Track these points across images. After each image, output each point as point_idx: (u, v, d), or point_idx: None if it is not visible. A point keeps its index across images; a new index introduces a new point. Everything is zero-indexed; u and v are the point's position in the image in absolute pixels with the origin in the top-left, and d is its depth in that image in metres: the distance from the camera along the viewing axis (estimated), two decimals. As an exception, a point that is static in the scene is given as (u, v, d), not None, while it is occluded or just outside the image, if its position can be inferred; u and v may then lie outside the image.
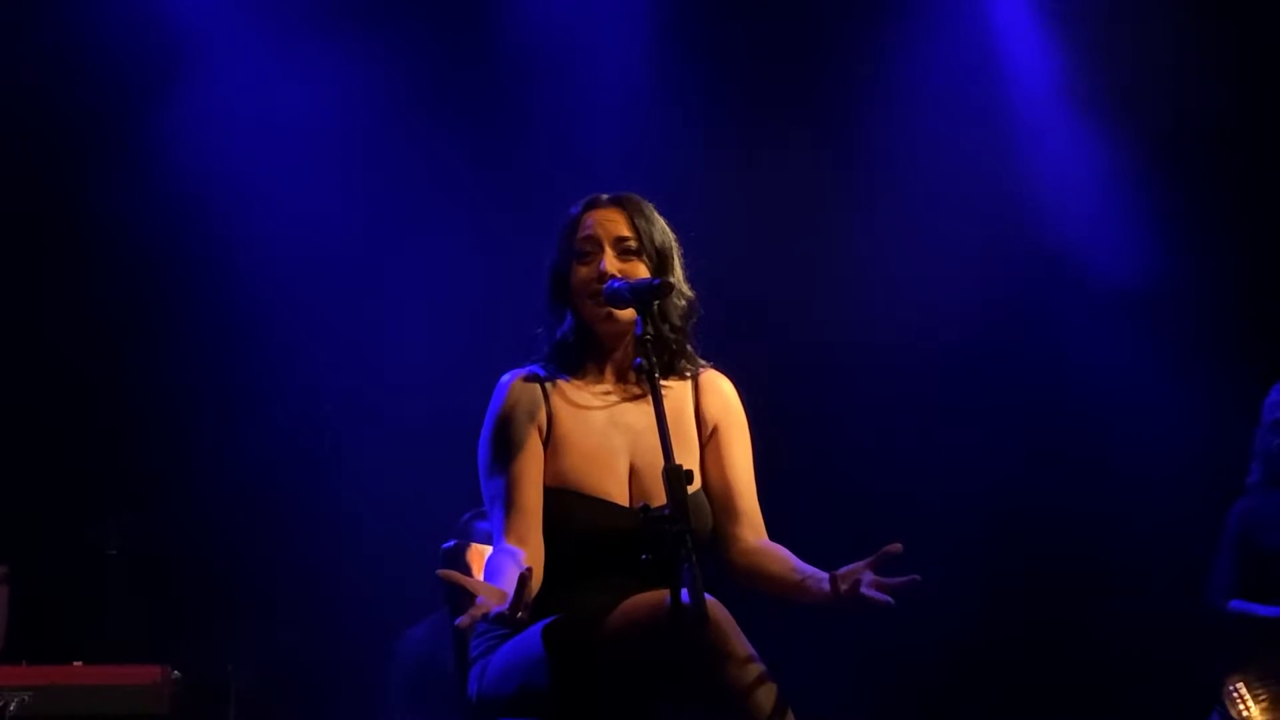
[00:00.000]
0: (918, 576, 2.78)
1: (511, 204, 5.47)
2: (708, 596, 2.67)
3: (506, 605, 2.65)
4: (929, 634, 5.43)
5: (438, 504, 4.77)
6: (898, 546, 2.82)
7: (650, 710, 2.78)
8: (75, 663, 4.38)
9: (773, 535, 3.16)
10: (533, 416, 3.07)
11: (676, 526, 2.62)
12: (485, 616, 2.66)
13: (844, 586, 2.82)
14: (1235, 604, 4.82)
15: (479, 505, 3.25)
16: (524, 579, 2.66)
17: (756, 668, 2.75)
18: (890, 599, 2.77)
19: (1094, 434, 5.91)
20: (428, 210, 5.60)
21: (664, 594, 2.65)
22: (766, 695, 2.73)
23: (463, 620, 2.67)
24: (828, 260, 5.84)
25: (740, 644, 2.76)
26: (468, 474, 3.29)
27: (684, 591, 2.62)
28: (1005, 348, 5.95)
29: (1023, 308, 6.01)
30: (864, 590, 2.79)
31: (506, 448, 3.05)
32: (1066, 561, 5.81)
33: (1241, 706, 4.75)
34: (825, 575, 2.90)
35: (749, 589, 3.08)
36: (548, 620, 2.89)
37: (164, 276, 5.41)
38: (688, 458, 3.05)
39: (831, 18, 5.99)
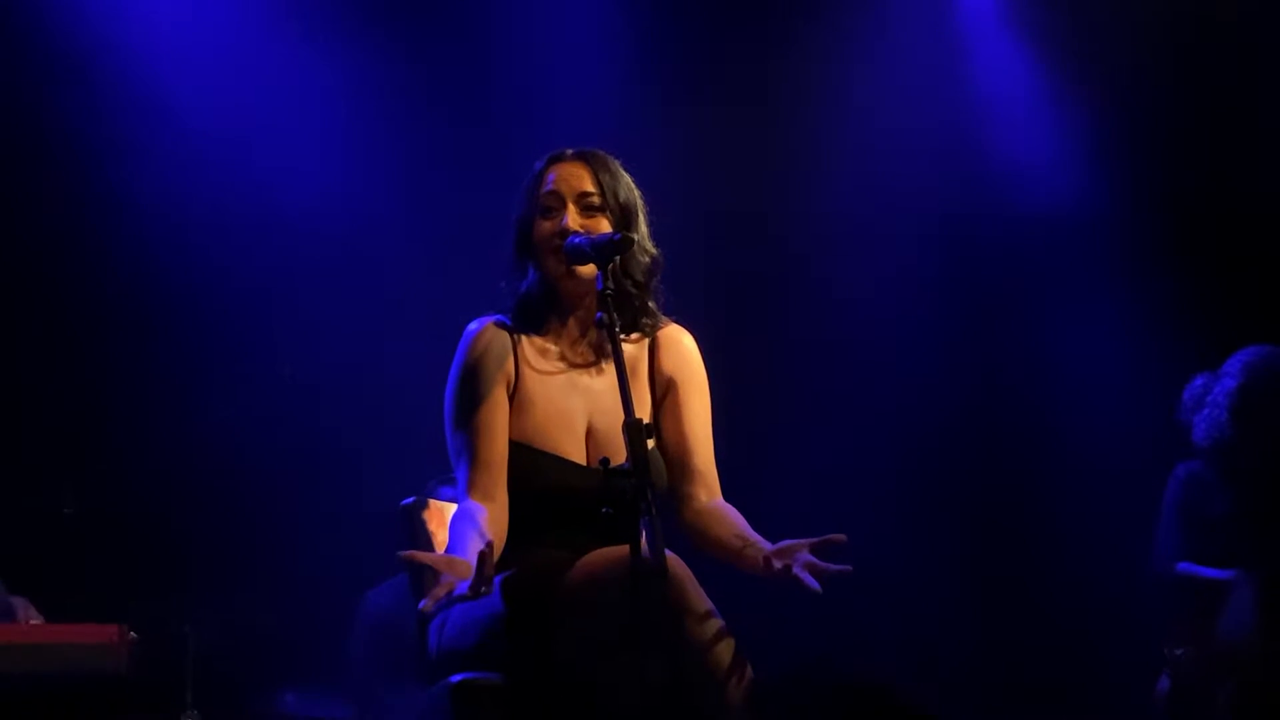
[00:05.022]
0: (849, 567, 2.79)
1: (474, 160, 5.43)
2: (667, 551, 2.67)
3: (468, 585, 2.66)
4: (884, 596, 5.46)
5: (399, 464, 4.76)
6: (842, 537, 2.84)
7: (609, 664, 2.78)
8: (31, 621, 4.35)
9: (727, 496, 3.16)
10: (501, 365, 3.06)
11: (636, 481, 2.62)
12: (449, 595, 2.67)
13: (777, 564, 2.83)
14: (1183, 566, 4.84)
15: (441, 465, 3.24)
16: (484, 556, 2.66)
17: (715, 622, 2.76)
18: (818, 585, 2.78)
19: (1042, 399, 5.93)
20: (387, 168, 5.56)
21: (623, 549, 2.65)
22: (724, 650, 2.74)
23: (426, 604, 2.68)
24: (781, 222, 5.85)
25: (699, 599, 2.77)
26: (430, 433, 3.28)
27: (643, 545, 2.62)
28: (961, 318, 5.97)
29: (980, 276, 6.03)
30: (795, 570, 2.80)
31: (473, 398, 3.04)
32: (1012, 527, 5.84)
33: (1190, 671, 4.78)
34: (766, 546, 2.91)
35: (696, 548, 3.08)
36: (507, 574, 2.89)
37: (119, 238, 5.35)
38: (642, 416, 3.04)
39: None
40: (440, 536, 3.20)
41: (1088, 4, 5.95)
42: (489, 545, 2.70)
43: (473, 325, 3.13)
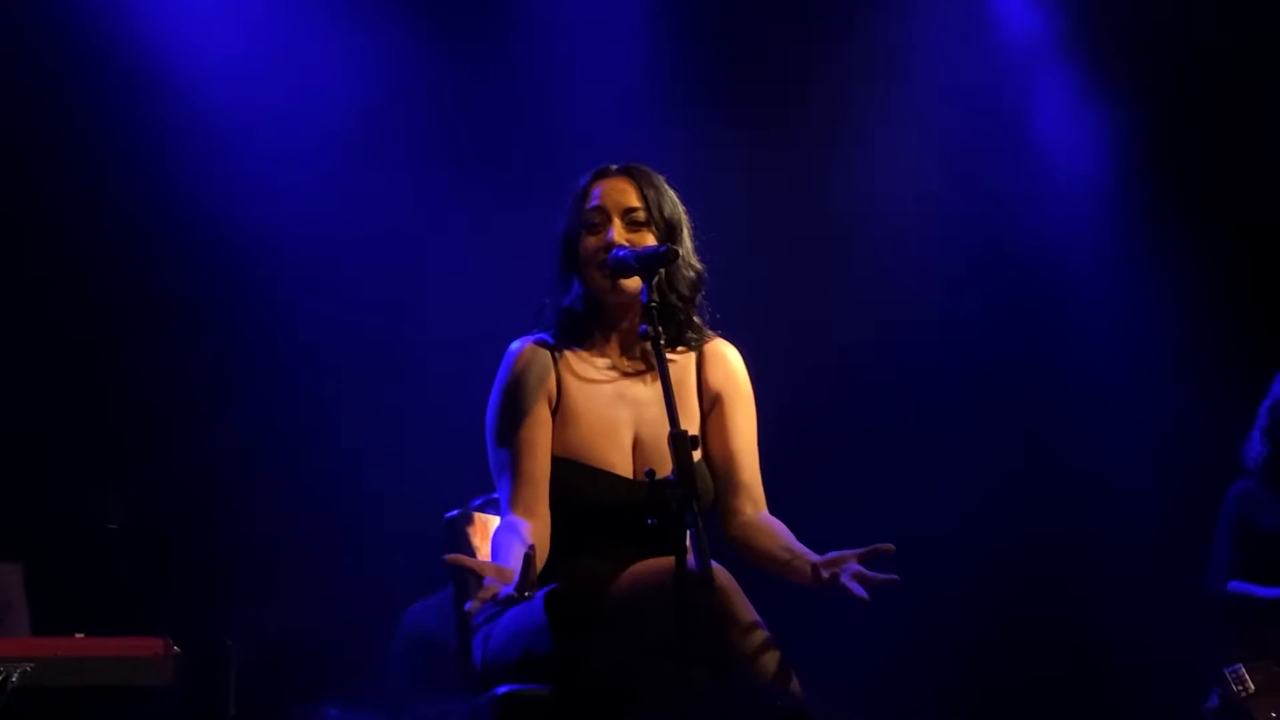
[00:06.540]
0: (896, 577, 2.79)
1: (515, 177, 5.45)
2: (713, 562, 2.67)
3: (513, 587, 2.67)
4: (935, 612, 5.46)
5: (441, 477, 4.76)
6: (890, 547, 2.84)
7: (654, 675, 2.78)
8: (77, 635, 4.38)
9: (773, 510, 3.16)
10: (542, 383, 3.07)
11: (682, 492, 2.63)
12: (493, 598, 2.68)
13: (825, 574, 2.84)
14: (1235, 585, 4.84)
15: (484, 482, 3.25)
16: (529, 559, 2.67)
17: (761, 633, 2.77)
18: (865, 594, 2.78)
19: (1091, 416, 5.92)
20: (427, 178, 5.58)
21: (669, 560, 2.66)
22: (770, 660, 2.75)
23: (472, 606, 2.69)
24: (821, 243, 5.85)
25: (745, 609, 2.77)
26: (471, 447, 3.29)
27: (689, 556, 2.62)
28: (1000, 334, 5.96)
29: (1018, 293, 6.02)
30: (843, 580, 2.81)
31: (515, 415, 3.05)
32: (1064, 543, 5.82)
33: (1240, 688, 4.77)
34: (813, 557, 2.91)
35: (743, 561, 3.09)
36: (550, 586, 2.90)
37: (156, 246, 5.37)
38: (689, 429, 3.04)
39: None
40: (484, 550, 3.21)
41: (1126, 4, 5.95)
42: (532, 549, 2.71)
43: (515, 345, 3.15)
